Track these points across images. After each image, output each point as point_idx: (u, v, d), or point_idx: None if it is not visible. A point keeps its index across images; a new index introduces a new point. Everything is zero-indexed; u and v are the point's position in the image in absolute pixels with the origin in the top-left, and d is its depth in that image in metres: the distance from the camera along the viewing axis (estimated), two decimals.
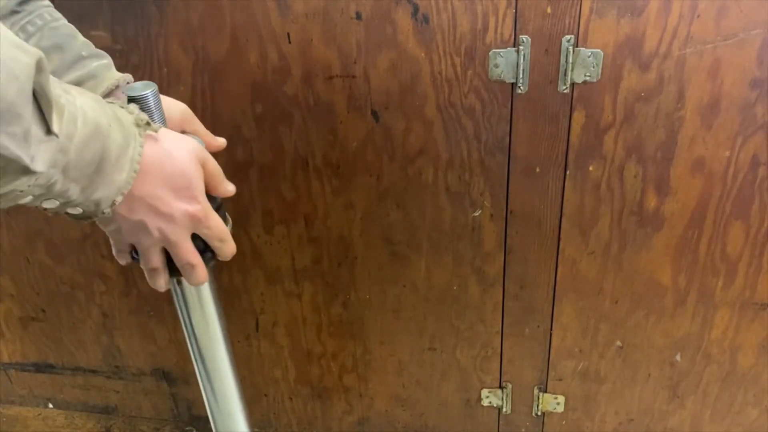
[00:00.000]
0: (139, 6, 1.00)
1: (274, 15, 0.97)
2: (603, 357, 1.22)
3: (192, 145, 0.58)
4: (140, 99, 0.60)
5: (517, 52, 0.93)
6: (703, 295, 1.11)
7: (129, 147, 0.52)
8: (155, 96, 0.61)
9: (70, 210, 0.51)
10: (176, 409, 1.54)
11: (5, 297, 1.42)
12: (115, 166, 0.51)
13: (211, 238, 0.61)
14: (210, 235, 0.60)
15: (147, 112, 0.62)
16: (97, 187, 0.50)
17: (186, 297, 0.69)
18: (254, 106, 1.05)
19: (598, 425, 1.33)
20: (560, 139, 1.00)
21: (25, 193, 0.45)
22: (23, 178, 0.44)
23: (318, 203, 1.14)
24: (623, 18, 0.89)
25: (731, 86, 0.92)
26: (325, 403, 1.43)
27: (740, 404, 1.24)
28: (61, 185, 0.47)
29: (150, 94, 0.61)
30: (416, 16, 0.93)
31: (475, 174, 1.05)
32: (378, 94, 1.01)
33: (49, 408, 1.63)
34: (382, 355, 1.32)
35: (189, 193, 0.56)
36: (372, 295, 1.23)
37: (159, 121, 0.62)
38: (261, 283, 1.26)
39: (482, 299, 1.19)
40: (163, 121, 0.64)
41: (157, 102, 0.62)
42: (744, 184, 0.99)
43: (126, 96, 0.60)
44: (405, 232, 1.14)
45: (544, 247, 1.11)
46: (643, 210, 1.04)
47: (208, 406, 0.79)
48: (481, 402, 1.34)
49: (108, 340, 1.44)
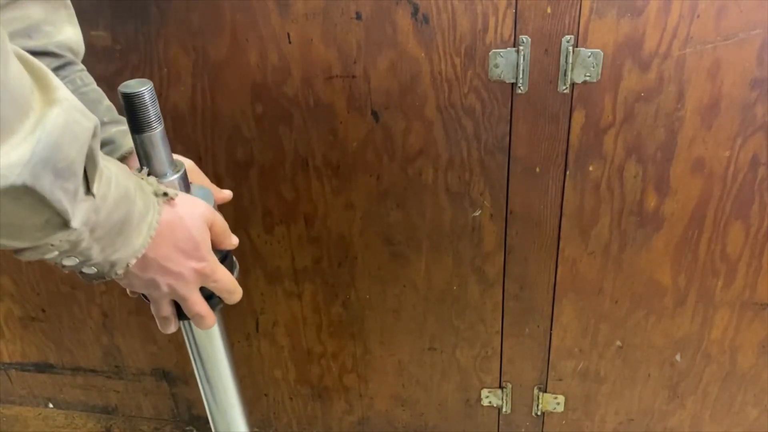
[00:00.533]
0: (139, 6, 1.00)
1: (274, 15, 0.97)
2: (603, 357, 1.22)
3: (202, 209, 0.62)
4: (136, 96, 0.60)
5: (517, 52, 0.93)
6: (703, 295, 1.11)
7: (148, 213, 0.55)
8: (151, 93, 0.62)
9: (85, 269, 0.54)
10: (176, 409, 1.54)
11: (5, 297, 1.42)
12: (135, 230, 0.54)
13: (220, 291, 0.64)
14: (218, 288, 0.64)
15: (142, 109, 0.62)
16: (116, 248, 0.53)
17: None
18: (254, 106, 1.05)
19: (598, 425, 1.33)
20: (560, 139, 1.00)
21: (55, 248, 0.48)
22: (59, 233, 0.47)
23: (318, 203, 1.14)
24: (623, 18, 0.89)
25: (731, 86, 0.92)
26: (325, 403, 1.43)
27: (740, 404, 1.24)
28: (86, 243, 0.50)
29: (146, 91, 0.61)
30: (416, 16, 0.93)
31: (475, 174, 1.05)
32: (378, 94, 1.01)
33: (49, 408, 1.63)
34: (382, 355, 1.32)
35: (198, 254, 0.60)
36: (372, 295, 1.23)
37: (155, 119, 0.63)
38: (261, 283, 1.26)
39: (482, 299, 1.19)
40: (159, 118, 0.64)
41: (153, 99, 0.62)
42: (744, 184, 0.99)
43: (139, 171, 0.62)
44: (405, 232, 1.14)
45: (544, 247, 1.11)
46: (643, 210, 1.04)
47: (207, 407, 0.79)
48: (481, 402, 1.34)
49: (108, 340, 1.44)
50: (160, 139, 0.66)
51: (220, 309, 0.67)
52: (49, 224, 0.46)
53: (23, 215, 0.44)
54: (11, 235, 0.46)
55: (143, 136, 0.64)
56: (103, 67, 1.05)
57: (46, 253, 0.48)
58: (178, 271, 0.59)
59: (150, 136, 0.65)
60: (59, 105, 0.43)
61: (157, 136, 0.65)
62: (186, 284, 0.60)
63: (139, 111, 0.63)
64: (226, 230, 0.66)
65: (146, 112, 0.62)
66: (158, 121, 0.64)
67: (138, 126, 0.64)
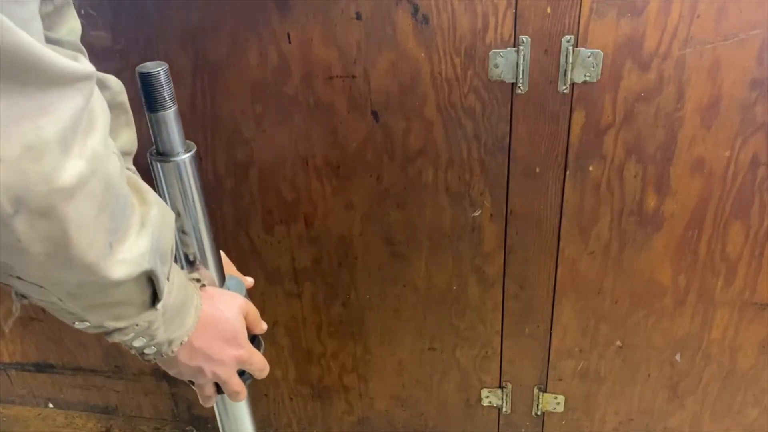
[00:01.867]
0: (139, 6, 1.00)
1: (274, 15, 0.97)
2: (603, 357, 1.22)
3: (240, 301, 0.69)
4: (152, 76, 0.63)
5: (517, 52, 0.93)
6: (702, 295, 1.11)
7: (194, 297, 0.62)
8: (166, 73, 0.64)
9: (147, 350, 0.58)
10: (176, 409, 1.54)
11: (5, 297, 1.42)
12: (188, 311, 0.60)
13: (253, 371, 0.72)
14: (252, 369, 0.71)
15: (158, 89, 0.65)
16: (175, 328, 0.59)
17: None
18: (254, 106, 1.05)
19: (598, 425, 1.33)
20: (560, 139, 1.00)
21: (138, 328, 0.54)
22: (145, 313, 0.53)
23: (318, 203, 1.14)
24: (623, 18, 0.89)
25: (731, 86, 0.92)
26: (325, 403, 1.43)
27: (740, 404, 1.24)
28: (157, 324, 0.55)
29: (161, 71, 0.63)
30: (416, 16, 0.93)
31: (475, 174, 1.06)
32: (378, 94, 1.01)
33: (49, 408, 1.63)
34: (382, 355, 1.32)
35: (236, 342, 0.67)
36: (372, 295, 1.23)
37: (169, 99, 0.66)
38: (261, 283, 1.26)
39: (482, 299, 1.19)
40: (173, 98, 0.66)
41: (168, 79, 0.65)
42: (744, 184, 0.99)
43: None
44: (405, 232, 1.14)
45: (544, 247, 1.11)
46: (642, 210, 1.04)
47: (216, 409, 0.81)
48: (481, 402, 1.34)
49: None
50: (174, 118, 0.69)
51: (249, 383, 0.74)
52: (144, 304, 0.53)
53: (134, 296, 0.51)
54: (116, 317, 0.52)
55: (158, 114, 0.67)
56: (103, 67, 1.04)
57: (128, 334, 0.54)
58: (220, 358, 0.65)
59: (164, 115, 0.67)
60: (156, 204, 0.52)
61: (170, 115, 0.68)
62: (227, 369, 0.67)
63: (155, 90, 0.66)
64: (258, 317, 0.73)
65: (161, 91, 0.65)
66: (172, 100, 0.67)
67: (153, 105, 0.66)
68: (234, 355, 0.67)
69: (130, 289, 0.50)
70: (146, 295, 0.52)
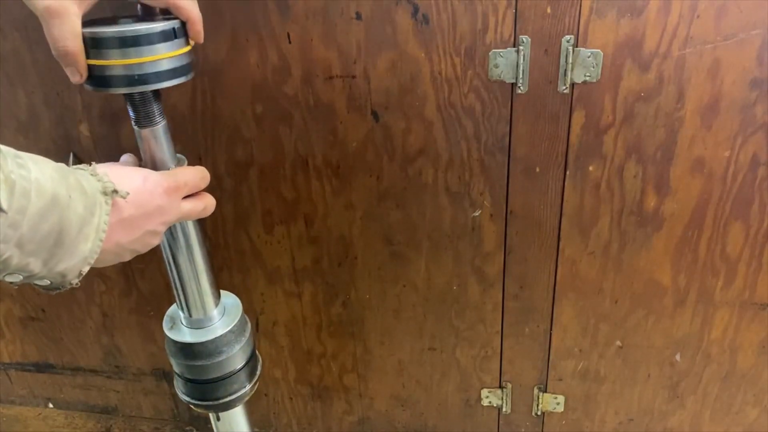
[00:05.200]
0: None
1: (274, 15, 0.97)
2: (603, 357, 1.22)
3: (159, 188, 0.61)
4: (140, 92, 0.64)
5: (517, 52, 0.93)
6: (702, 295, 1.11)
7: (94, 216, 0.52)
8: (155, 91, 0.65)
9: (37, 282, 0.52)
10: (176, 409, 1.54)
11: (5, 297, 1.42)
12: (78, 236, 0.51)
13: (196, 187, 0.65)
14: (194, 186, 0.65)
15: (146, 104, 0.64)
16: (60, 259, 0.50)
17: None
18: (254, 106, 1.05)
19: (598, 425, 1.33)
20: (560, 139, 1.00)
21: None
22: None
23: (318, 203, 1.14)
24: (623, 18, 0.89)
25: (731, 86, 0.92)
26: (325, 403, 1.43)
27: (740, 404, 1.24)
28: (18, 260, 0.48)
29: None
30: (416, 16, 0.93)
31: (475, 174, 1.06)
32: (378, 94, 1.01)
33: (49, 408, 1.63)
34: (382, 355, 1.32)
35: (161, 220, 0.61)
36: (372, 295, 1.23)
37: (158, 113, 0.67)
38: (261, 283, 1.26)
39: (482, 299, 1.19)
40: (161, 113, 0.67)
41: (157, 94, 0.66)
42: (744, 184, 0.99)
43: None
44: (405, 232, 1.14)
45: (544, 247, 1.11)
46: (642, 210, 1.04)
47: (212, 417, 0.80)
48: (481, 402, 1.34)
49: (108, 340, 1.44)
50: (163, 133, 0.67)
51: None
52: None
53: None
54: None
55: (146, 130, 0.66)
56: None
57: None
58: (153, 229, 0.60)
59: (153, 130, 0.66)
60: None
61: (159, 130, 0.67)
62: (166, 218, 0.61)
63: (143, 106, 0.65)
64: (194, 178, 0.66)
65: (150, 107, 0.64)
66: (161, 115, 0.66)
67: (141, 120, 0.65)
68: (162, 221, 0.61)
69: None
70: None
